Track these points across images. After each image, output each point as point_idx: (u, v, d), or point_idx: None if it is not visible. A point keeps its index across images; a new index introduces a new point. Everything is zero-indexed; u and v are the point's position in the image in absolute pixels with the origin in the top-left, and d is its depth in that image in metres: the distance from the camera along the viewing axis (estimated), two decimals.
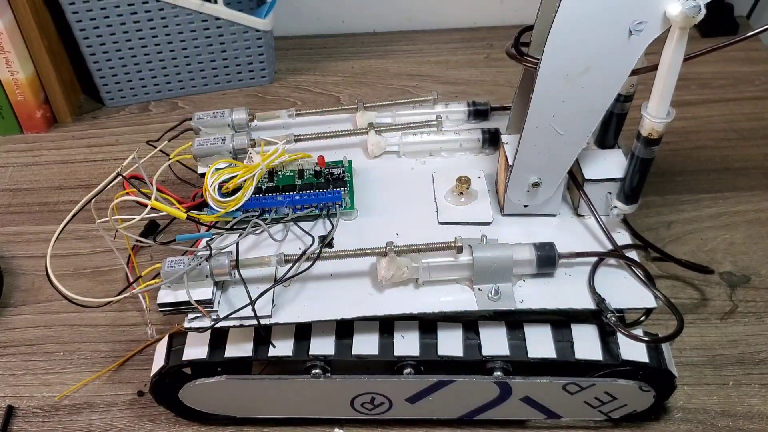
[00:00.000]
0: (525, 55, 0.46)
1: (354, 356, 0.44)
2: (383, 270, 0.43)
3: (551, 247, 0.44)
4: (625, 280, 0.45)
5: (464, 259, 0.44)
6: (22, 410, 0.52)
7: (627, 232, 0.49)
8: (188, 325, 0.43)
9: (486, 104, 0.57)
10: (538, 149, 0.45)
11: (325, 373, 0.45)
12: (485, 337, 0.45)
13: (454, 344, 0.45)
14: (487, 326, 0.45)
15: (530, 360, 0.44)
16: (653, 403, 0.47)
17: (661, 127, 0.42)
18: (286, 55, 0.87)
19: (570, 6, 0.39)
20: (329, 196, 0.49)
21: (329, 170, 0.50)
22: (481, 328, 0.45)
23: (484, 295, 0.44)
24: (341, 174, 0.50)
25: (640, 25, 0.39)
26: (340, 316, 0.43)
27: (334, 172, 0.50)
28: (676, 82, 0.40)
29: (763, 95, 0.78)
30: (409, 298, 0.44)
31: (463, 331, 0.45)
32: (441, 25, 0.91)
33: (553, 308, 0.44)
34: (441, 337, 0.45)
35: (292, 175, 0.50)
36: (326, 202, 0.49)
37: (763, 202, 0.65)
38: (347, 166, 0.51)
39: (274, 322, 0.43)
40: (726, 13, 0.87)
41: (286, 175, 0.50)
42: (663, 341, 0.44)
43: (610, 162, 0.48)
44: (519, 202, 0.48)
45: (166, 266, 0.42)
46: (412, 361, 0.45)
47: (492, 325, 0.45)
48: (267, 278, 0.44)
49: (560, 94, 0.42)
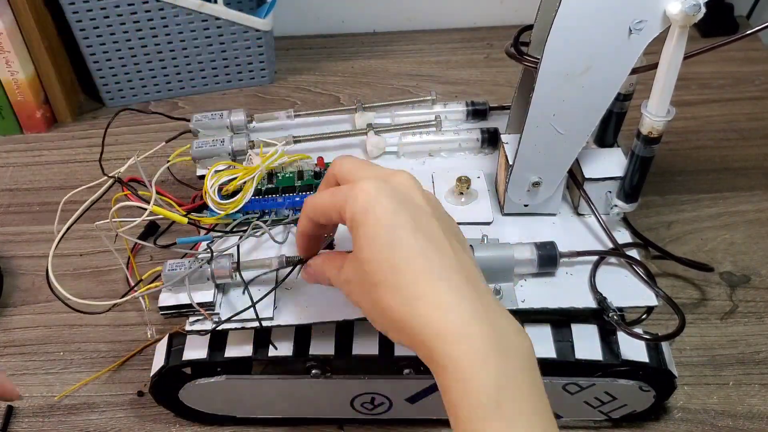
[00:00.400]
0: (525, 55, 0.47)
1: (354, 356, 0.44)
2: None
3: (552, 247, 0.44)
4: (626, 278, 0.45)
5: None
6: (21, 410, 0.52)
7: (627, 231, 0.49)
8: (190, 328, 0.43)
9: (485, 104, 0.57)
10: (539, 149, 0.45)
11: (325, 373, 0.45)
12: None
13: None
14: None
15: None
16: (653, 403, 0.47)
17: (661, 126, 0.42)
18: (286, 55, 0.87)
19: (570, 5, 0.39)
20: None
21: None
22: None
23: None
24: None
25: (640, 24, 0.39)
26: (342, 318, 0.43)
27: None
28: (676, 81, 0.40)
29: (762, 95, 0.78)
30: None
31: None
32: (441, 25, 0.91)
33: (555, 308, 0.43)
34: None
35: (292, 177, 0.50)
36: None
37: (763, 202, 0.65)
38: None
39: (276, 323, 0.43)
40: (726, 13, 0.86)
41: (286, 176, 0.50)
42: (665, 339, 0.44)
43: (609, 161, 0.48)
44: (519, 202, 0.48)
45: (167, 269, 0.42)
46: (412, 361, 0.45)
47: None
48: (268, 280, 0.44)
49: (560, 93, 0.42)
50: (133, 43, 0.75)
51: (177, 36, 0.76)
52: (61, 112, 0.78)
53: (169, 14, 0.74)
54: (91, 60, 0.76)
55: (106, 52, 0.75)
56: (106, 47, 0.75)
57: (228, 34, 0.77)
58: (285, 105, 0.79)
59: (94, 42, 0.74)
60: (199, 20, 0.75)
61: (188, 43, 0.77)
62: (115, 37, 0.74)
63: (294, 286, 0.45)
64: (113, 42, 0.75)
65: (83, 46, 0.74)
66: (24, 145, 0.75)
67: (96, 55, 0.75)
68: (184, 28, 0.75)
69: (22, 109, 0.75)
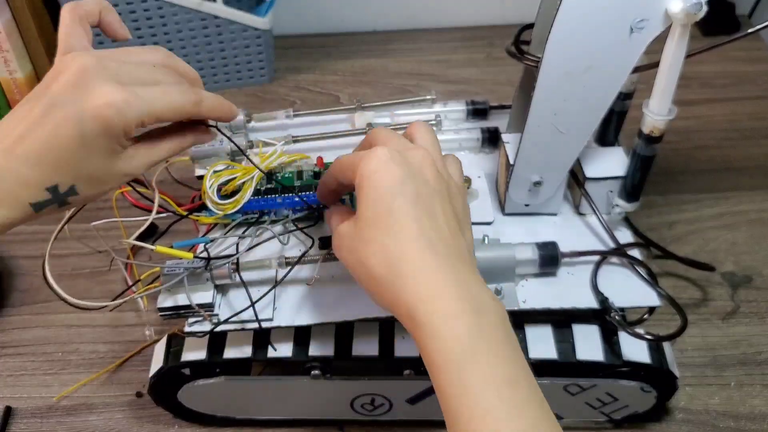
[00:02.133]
0: (525, 54, 0.46)
1: (354, 357, 0.44)
2: None
3: (554, 247, 0.44)
4: (628, 278, 0.45)
5: None
6: (20, 411, 0.52)
7: (628, 230, 0.48)
8: (189, 329, 0.43)
9: (485, 103, 0.57)
10: (540, 148, 0.45)
11: (325, 374, 0.45)
12: None
13: None
14: None
15: (531, 361, 0.43)
16: (655, 404, 0.47)
17: (662, 125, 0.41)
18: (286, 54, 0.87)
19: (572, 4, 0.38)
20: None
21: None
22: None
23: None
24: None
25: (642, 23, 0.39)
26: (342, 319, 0.43)
27: None
28: (678, 80, 0.39)
29: (765, 95, 0.78)
30: None
31: None
32: (441, 23, 0.91)
33: (557, 308, 0.43)
34: None
35: (291, 177, 0.50)
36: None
37: (766, 201, 0.65)
38: None
39: (276, 324, 0.43)
40: (727, 12, 0.86)
41: (285, 176, 0.50)
42: (667, 339, 0.44)
43: (610, 160, 0.48)
44: (520, 202, 0.48)
45: (166, 270, 0.42)
46: (413, 362, 0.44)
47: None
48: (268, 280, 0.44)
49: (562, 92, 0.42)
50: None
51: (176, 35, 0.76)
52: None
53: (168, 13, 0.74)
54: None
55: None
56: (105, 46, 0.75)
57: (227, 33, 0.77)
58: (284, 104, 0.79)
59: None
60: (198, 19, 0.75)
61: (187, 42, 0.77)
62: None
63: (294, 287, 0.44)
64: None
65: None
66: None
67: None
68: (183, 27, 0.75)
69: None
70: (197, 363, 0.45)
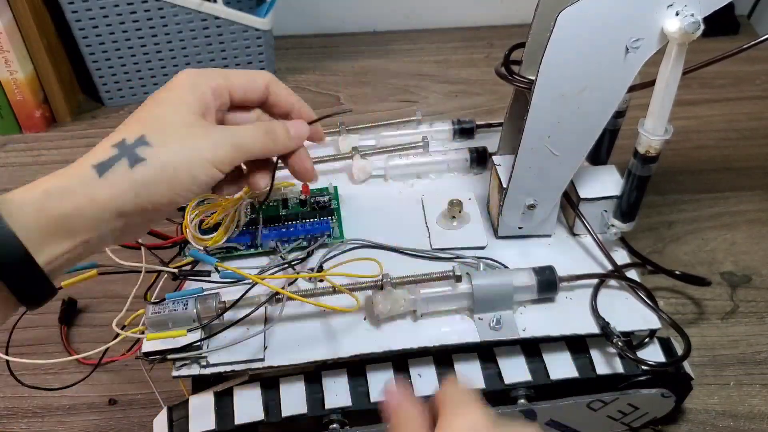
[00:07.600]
0: (515, 75, 0.45)
1: (374, 403, 0.41)
2: (380, 304, 0.41)
3: (551, 271, 0.43)
4: (627, 300, 0.44)
5: (463, 288, 0.42)
6: (20, 410, 0.52)
7: (624, 249, 0.48)
8: (176, 374, 0.40)
9: (471, 122, 0.56)
10: (534, 171, 0.44)
11: (344, 426, 0.42)
12: (504, 364, 0.43)
13: (474, 375, 0.43)
14: (504, 353, 0.43)
15: (553, 382, 0.42)
16: (673, 408, 0.46)
17: (658, 145, 0.41)
18: (286, 55, 0.87)
19: (566, 25, 0.37)
20: (317, 226, 0.47)
21: (315, 198, 0.49)
22: (498, 356, 0.43)
23: (485, 325, 0.42)
24: (327, 202, 0.49)
25: (637, 43, 0.38)
26: (337, 356, 0.41)
27: (320, 200, 0.49)
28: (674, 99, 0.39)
29: (764, 95, 0.78)
30: (408, 331, 0.42)
31: (480, 361, 0.43)
32: (441, 24, 0.91)
33: (558, 335, 0.42)
34: (459, 370, 0.43)
35: (276, 206, 0.49)
36: (314, 234, 0.47)
37: (764, 201, 0.65)
38: (333, 193, 0.50)
39: (268, 365, 0.41)
40: (726, 12, 0.86)
41: (270, 205, 0.49)
42: (671, 365, 0.43)
43: (604, 180, 0.47)
44: (514, 225, 0.47)
45: (150, 313, 0.40)
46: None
47: (509, 351, 0.44)
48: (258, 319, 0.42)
49: (556, 114, 0.41)
50: (133, 42, 0.75)
51: (176, 35, 0.76)
52: (60, 111, 0.77)
53: (169, 13, 0.74)
54: (90, 59, 0.75)
55: (105, 52, 0.75)
56: (105, 46, 0.75)
57: (227, 34, 0.77)
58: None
59: (93, 41, 0.74)
60: (199, 19, 0.75)
61: (188, 43, 0.77)
62: (115, 36, 0.74)
63: (285, 323, 0.43)
64: (112, 41, 0.75)
65: (82, 45, 0.74)
66: (23, 145, 0.75)
67: (95, 54, 0.75)
68: (183, 27, 0.75)
69: (21, 108, 0.75)
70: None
